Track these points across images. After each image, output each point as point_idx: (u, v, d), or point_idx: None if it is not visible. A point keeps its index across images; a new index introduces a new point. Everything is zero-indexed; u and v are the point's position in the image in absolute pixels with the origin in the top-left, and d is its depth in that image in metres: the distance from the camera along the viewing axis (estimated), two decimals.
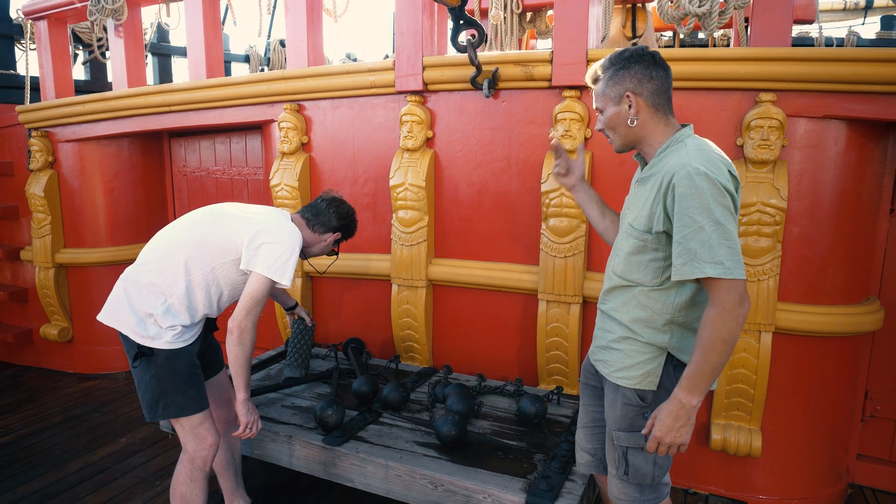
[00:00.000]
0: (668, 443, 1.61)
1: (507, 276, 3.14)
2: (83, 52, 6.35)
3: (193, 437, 2.23)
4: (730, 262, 1.50)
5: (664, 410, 1.61)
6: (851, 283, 2.73)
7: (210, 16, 3.96)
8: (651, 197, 1.65)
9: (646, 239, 1.67)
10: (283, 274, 2.16)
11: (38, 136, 4.45)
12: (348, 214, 2.55)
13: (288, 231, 2.26)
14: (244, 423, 2.26)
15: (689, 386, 1.56)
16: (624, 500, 1.84)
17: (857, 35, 7.67)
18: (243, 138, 4.33)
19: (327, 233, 2.49)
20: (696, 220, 1.51)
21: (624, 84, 1.68)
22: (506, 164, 3.12)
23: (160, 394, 2.16)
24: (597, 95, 1.76)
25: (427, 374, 3.20)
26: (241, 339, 2.16)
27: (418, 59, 3.16)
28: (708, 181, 1.52)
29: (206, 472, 2.28)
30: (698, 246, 1.51)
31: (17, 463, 3.28)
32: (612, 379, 1.79)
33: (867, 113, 2.50)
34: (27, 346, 4.90)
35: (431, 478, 2.24)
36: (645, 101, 1.67)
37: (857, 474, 3.05)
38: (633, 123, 1.69)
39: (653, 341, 1.70)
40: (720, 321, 1.51)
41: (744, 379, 2.69)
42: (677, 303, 1.67)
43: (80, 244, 4.54)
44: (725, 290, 1.51)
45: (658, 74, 1.67)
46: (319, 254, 2.57)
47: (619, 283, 1.77)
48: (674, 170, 1.57)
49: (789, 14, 2.59)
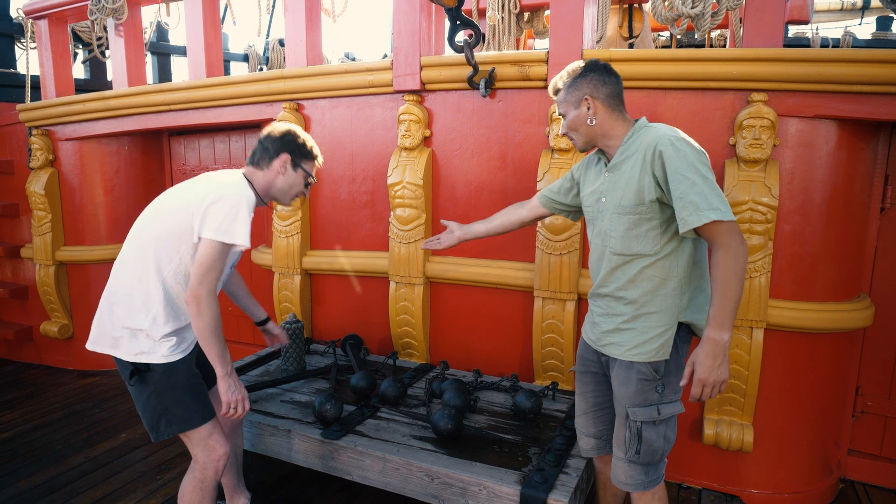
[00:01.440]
0: (713, 382, 1.73)
1: (504, 274, 3.18)
2: (83, 51, 6.39)
3: (203, 449, 2.15)
4: (724, 208, 1.69)
5: (702, 353, 1.73)
6: (842, 280, 2.78)
7: (209, 15, 3.99)
8: (636, 174, 1.82)
9: (640, 211, 1.82)
10: (232, 233, 1.97)
11: (38, 135, 4.48)
12: (287, 130, 2.24)
13: (231, 186, 2.05)
14: (226, 402, 2.09)
15: (719, 323, 1.70)
16: (630, 483, 1.95)
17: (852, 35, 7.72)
18: (242, 137, 4.37)
19: (274, 159, 2.20)
20: (689, 177, 1.70)
21: (582, 89, 1.90)
22: (502, 162, 3.16)
23: (161, 410, 2.06)
24: (559, 103, 1.99)
25: (424, 369, 3.24)
26: (199, 310, 1.98)
27: (416, 58, 3.19)
28: (687, 144, 1.77)
29: (216, 482, 2.19)
30: (697, 197, 1.69)
31: (18, 457, 3.31)
32: (627, 357, 1.89)
33: (857, 113, 2.54)
34: (28, 343, 4.94)
35: (428, 470, 2.28)
36: (601, 102, 1.90)
37: (848, 469, 3.09)
38: (592, 123, 1.91)
39: (664, 309, 1.84)
40: (730, 258, 1.68)
41: (736, 374, 2.73)
42: (681, 265, 1.84)
43: (80, 242, 4.58)
44: (727, 232, 1.69)
45: (610, 80, 1.91)
46: (291, 188, 2.26)
47: (621, 260, 1.89)
48: (655, 142, 1.78)
49: (781, 15, 2.63)
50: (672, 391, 1.90)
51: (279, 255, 3.70)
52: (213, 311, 1.99)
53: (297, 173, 2.24)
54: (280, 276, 3.74)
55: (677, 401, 1.91)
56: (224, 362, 2.07)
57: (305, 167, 2.26)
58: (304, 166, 2.26)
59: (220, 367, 2.07)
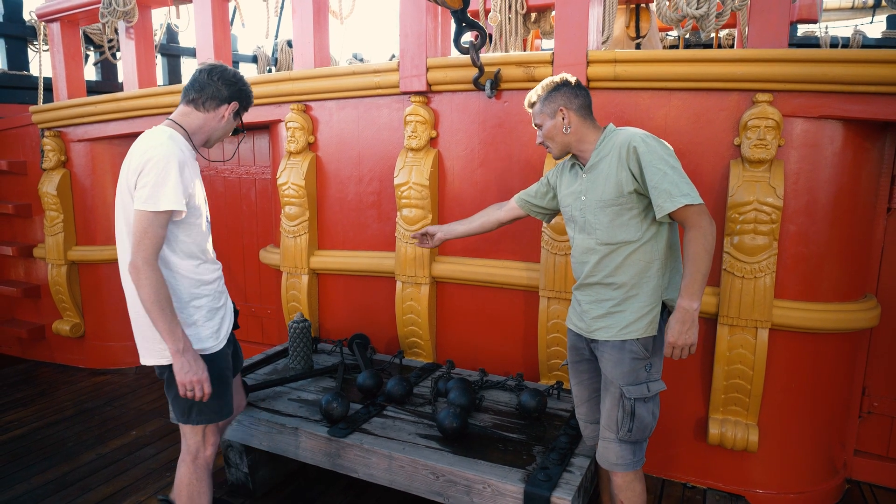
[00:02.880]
0: (682, 344, 1.93)
1: (509, 274, 3.20)
2: (94, 53, 6.46)
3: (202, 439, 2.17)
4: (693, 193, 1.89)
5: (673, 320, 1.94)
6: (848, 280, 2.77)
7: (219, 18, 4.04)
8: (613, 171, 2.01)
9: (621, 202, 2.01)
10: (157, 199, 1.87)
11: (50, 136, 4.54)
12: (237, 77, 2.14)
13: (156, 148, 1.93)
14: (180, 383, 1.94)
15: (689, 294, 1.91)
16: (621, 464, 2.10)
17: (862, 34, 7.65)
18: (251, 138, 4.41)
19: (221, 106, 2.11)
20: (661, 168, 1.91)
21: (556, 101, 2.11)
22: (507, 163, 3.17)
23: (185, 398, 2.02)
24: (535, 115, 2.18)
25: (430, 369, 3.27)
26: (139, 280, 1.88)
27: (422, 60, 3.22)
28: (655, 140, 1.99)
29: (210, 469, 2.22)
30: (669, 185, 1.89)
31: (31, 454, 3.37)
32: (619, 337, 2.04)
33: (863, 113, 2.54)
34: (40, 342, 5.01)
35: (433, 468, 2.30)
36: (575, 113, 2.10)
37: (854, 470, 3.08)
38: (567, 131, 2.11)
39: (651, 288, 2.02)
40: (700, 237, 1.89)
41: (741, 374, 2.73)
42: (660, 249, 2.03)
43: (91, 242, 4.64)
44: (697, 214, 1.89)
45: (581, 94, 2.12)
46: (223, 135, 2.19)
47: (607, 249, 2.06)
48: (627, 140, 1.98)
49: (786, 15, 2.63)
50: (656, 370, 2.09)
51: (287, 255, 3.74)
52: (153, 280, 1.88)
53: (234, 121, 2.19)
54: (288, 276, 3.78)
55: (660, 379, 2.09)
56: (174, 337, 1.91)
57: (243, 116, 2.23)
58: (241, 115, 2.22)
59: (170, 343, 1.92)
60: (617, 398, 2.05)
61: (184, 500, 2.19)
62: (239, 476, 2.90)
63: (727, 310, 2.71)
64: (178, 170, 1.92)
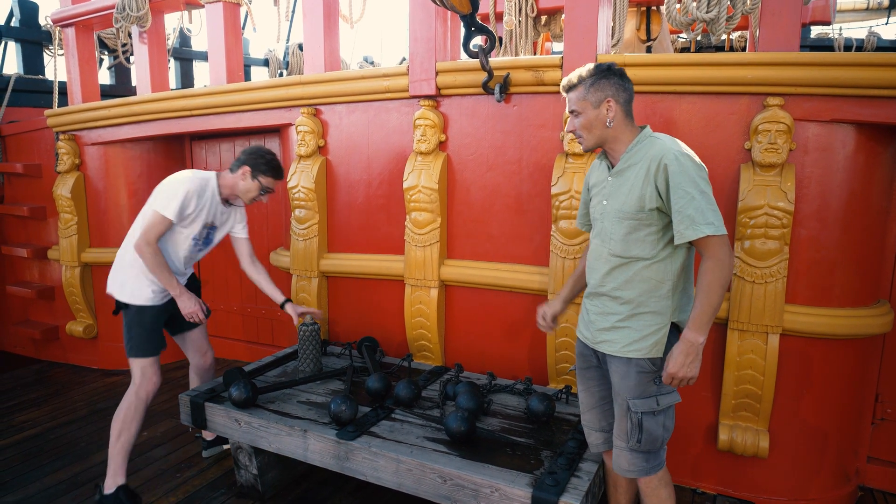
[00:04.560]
0: (682, 377, 1.87)
1: (518, 277, 3.19)
2: (108, 57, 6.54)
3: (141, 377, 2.81)
4: (718, 222, 1.81)
5: (676, 350, 1.87)
6: (860, 285, 2.74)
7: (230, 22, 4.08)
8: (639, 182, 1.92)
9: (640, 217, 1.92)
10: (164, 207, 2.69)
11: (65, 140, 4.60)
12: (254, 150, 2.86)
13: (182, 174, 2.79)
14: (185, 314, 2.82)
15: (696, 326, 1.84)
16: (633, 470, 2.05)
17: (877, 36, 7.58)
18: (262, 141, 4.44)
19: (238, 169, 2.85)
20: (689, 192, 1.81)
21: (605, 91, 1.95)
22: (517, 167, 3.17)
23: (128, 338, 2.82)
24: (574, 101, 2.00)
25: (439, 372, 3.27)
26: (143, 254, 2.70)
27: (431, 64, 3.23)
28: (690, 160, 1.86)
29: (146, 404, 2.82)
30: (694, 212, 1.80)
31: (44, 454, 3.41)
32: (622, 354, 1.99)
33: (875, 117, 2.52)
34: (54, 343, 5.07)
35: (441, 472, 2.30)
36: (620, 107, 1.97)
37: (867, 477, 3.05)
38: (610, 125, 1.97)
39: (659, 309, 1.95)
40: (717, 269, 1.82)
41: (751, 380, 2.71)
42: (674, 269, 1.95)
43: (104, 244, 4.69)
44: (717, 245, 1.81)
45: (628, 87, 1.99)
46: (244, 192, 2.88)
47: (619, 262, 1.99)
48: (661, 155, 1.87)
49: (797, 18, 2.61)
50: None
51: (297, 258, 3.76)
52: (152, 255, 2.69)
53: (254, 182, 2.85)
54: (298, 279, 3.80)
55: (674, 391, 2.01)
56: (172, 287, 2.76)
57: (262, 180, 2.86)
58: (260, 179, 2.85)
59: (172, 290, 2.78)
60: (624, 410, 2.01)
61: (118, 422, 2.79)
62: (248, 478, 2.92)
63: (737, 315, 2.69)
64: (185, 194, 2.69)
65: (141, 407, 2.82)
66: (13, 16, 6.21)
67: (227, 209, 3.00)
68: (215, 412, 2.86)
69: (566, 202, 2.94)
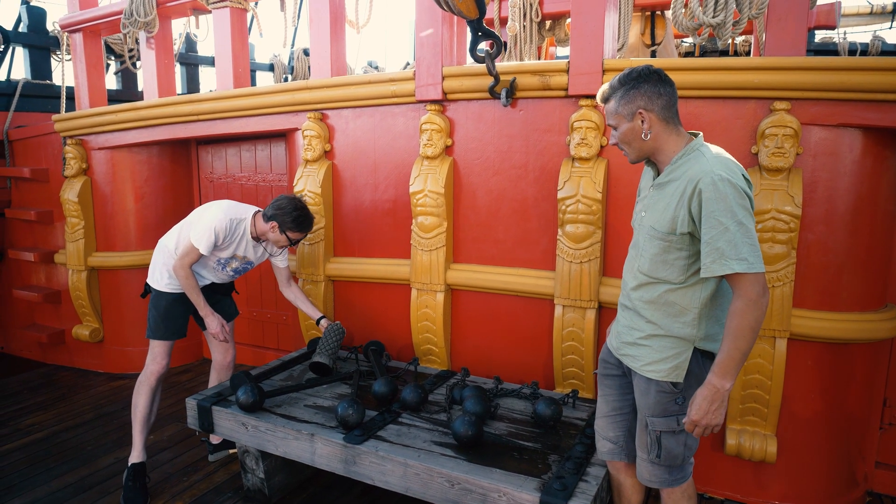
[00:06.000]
0: (704, 425, 1.77)
1: (524, 282, 3.19)
2: (115, 62, 6.58)
3: (150, 357, 3.09)
4: (752, 258, 1.66)
5: (699, 396, 1.76)
6: (868, 289, 2.74)
7: (237, 28, 4.10)
8: (673, 202, 1.79)
9: (671, 240, 1.81)
10: (197, 240, 2.93)
11: (72, 144, 4.62)
12: (284, 206, 3.01)
13: (211, 214, 3.00)
14: (212, 332, 3.10)
15: (722, 372, 1.72)
16: (654, 481, 2.01)
17: (881, 40, 7.58)
18: (268, 146, 4.46)
19: (269, 220, 3.02)
20: (722, 222, 1.67)
21: (636, 102, 1.82)
22: (523, 171, 3.18)
23: (148, 318, 3.11)
24: (609, 114, 1.90)
25: (445, 376, 3.27)
26: (176, 274, 2.97)
27: (438, 69, 3.24)
28: (730, 186, 1.68)
29: (150, 385, 3.06)
30: (725, 245, 1.66)
31: (51, 457, 3.42)
32: (642, 372, 1.93)
33: (882, 121, 2.51)
34: (60, 346, 5.08)
35: (448, 476, 2.30)
36: (656, 115, 1.82)
37: (875, 482, 3.04)
38: (646, 137, 1.84)
39: (681, 335, 1.86)
40: (748, 311, 1.67)
41: (759, 384, 2.71)
42: (703, 297, 1.83)
43: (111, 248, 4.71)
44: (750, 283, 1.66)
45: (665, 91, 1.82)
46: (277, 241, 3.07)
47: (646, 280, 1.91)
48: (698, 177, 1.72)
49: (803, 23, 2.61)
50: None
51: (303, 263, 3.77)
52: (185, 278, 2.96)
53: (282, 236, 3.04)
54: (304, 283, 3.80)
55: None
56: (200, 306, 3.04)
57: (288, 234, 3.04)
58: (287, 233, 3.04)
59: (200, 310, 3.06)
60: (644, 426, 1.98)
61: (133, 396, 3.09)
62: (255, 482, 2.92)
63: None
64: (214, 231, 2.94)
65: (145, 384, 3.06)
66: (21, 21, 6.26)
67: (261, 244, 3.20)
68: (222, 416, 2.87)
69: (572, 206, 2.95)
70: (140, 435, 3.06)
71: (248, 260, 3.19)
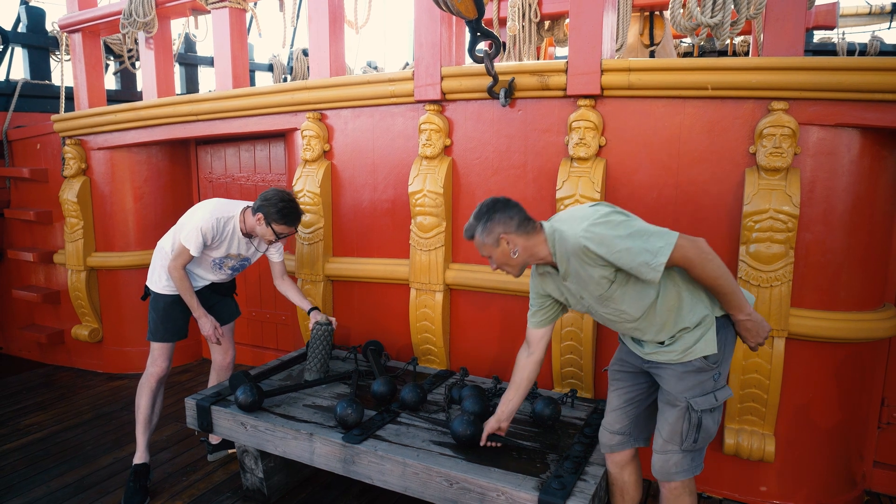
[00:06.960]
0: (761, 340, 2.00)
1: (523, 282, 3.19)
2: (114, 63, 6.57)
3: (150, 359, 3.11)
4: (662, 241, 1.83)
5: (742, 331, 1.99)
6: (866, 289, 2.75)
7: (236, 28, 4.10)
8: (584, 273, 1.95)
9: (618, 281, 1.95)
10: (187, 241, 2.92)
11: (71, 144, 4.62)
12: (270, 197, 2.95)
13: (198, 215, 2.97)
14: (205, 335, 3.10)
15: (735, 308, 1.95)
16: (679, 472, 2.07)
17: (880, 40, 7.59)
18: (267, 146, 4.46)
19: (256, 213, 2.96)
20: (620, 249, 1.84)
21: (495, 230, 2.03)
22: (522, 171, 3.18)
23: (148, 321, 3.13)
24: (479, 247, 2.10)
25: (444, 376, 3.27)
26: (171, 276, 2.98)
27: (437, 69, 3.24)
28: (596, 225, 1.88)
29: (150, 387, 3.09)
30: (640, 258, 1.83)
31: (50, 457, 3.42)
32: (679, 360, 2.00)
33: (880, 121, 2.52)
34: (59, 347, 5.08)
35: (447, 475, 2.31)
36: (515, 234, 2.02)
37: (873, 481, 3.04)
38: (515, 255, 2.04)
39: (694, 317, 1.97)
40: (698, 266, 1.86)
41: (757, 384, 2.71)
42: (678, 280, 1.97)
43: (110, 248, 4.71)
44: (681, 251, 1.83)
45: (513, 211, 2.04)
46: (264, 234, 2.98)
47: (648, 321, 2.01)
48: (576, 246, 1.90)
49: (801, 23, 2.62)
50: (724, 377, 2.05)
51: (302, 262, 3.77)
52: (179, 279, 2.97)
53: (268, 228, 2.95)
54: (303, 283, 3.81)
55: (726, 386, 2.05)
56: (194, 307, 3.04)
57: (274, 227, 2.94)
58: (273, 226, 2.94)
59: (194, 311, 3.06)
60: (683, 411, 2.01)
61: (136, 398, 3.12)
62: (254, 481, 2.92)
63: None
64: (202, 231, 2.91)
65: (145, 386, 3.09)
66: (20, 21, 6.26)
67: (253, 240, 3.15)
68: (221, 416, 2.87)
69: (571, 206, 2.95)
70: (142, 436, 3.08)
71: (244, 257, 3.17)
